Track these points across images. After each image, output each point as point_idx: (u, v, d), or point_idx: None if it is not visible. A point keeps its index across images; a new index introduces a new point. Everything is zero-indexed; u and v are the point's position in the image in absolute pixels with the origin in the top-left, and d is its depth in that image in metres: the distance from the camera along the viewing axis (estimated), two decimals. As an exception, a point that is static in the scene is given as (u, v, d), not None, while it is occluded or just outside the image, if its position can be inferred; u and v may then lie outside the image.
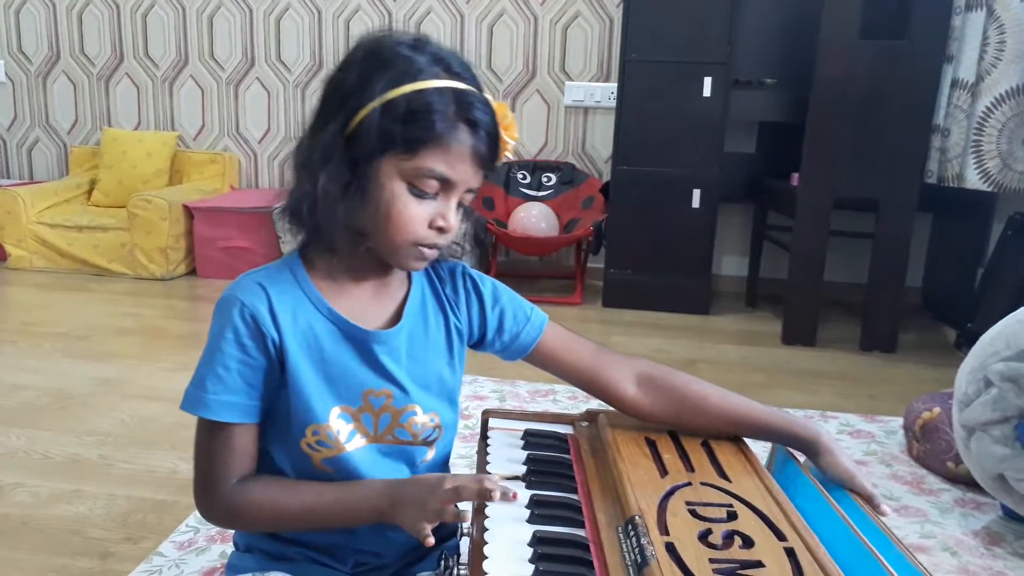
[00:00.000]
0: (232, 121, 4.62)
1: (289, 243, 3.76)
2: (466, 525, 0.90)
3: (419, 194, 0.90)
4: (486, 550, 0.84)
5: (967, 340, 3.07)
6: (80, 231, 4.10)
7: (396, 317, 1.01)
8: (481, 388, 2.64)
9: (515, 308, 1.11)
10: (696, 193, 3.64)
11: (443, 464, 1.09)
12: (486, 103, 0.92)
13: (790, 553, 0.81)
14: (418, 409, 1.01)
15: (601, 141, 4.27)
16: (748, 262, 4.00)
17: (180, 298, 3.82)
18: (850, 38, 3.04)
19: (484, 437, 1.15)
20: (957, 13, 3.01)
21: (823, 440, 1.06)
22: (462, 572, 0.89)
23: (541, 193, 4.14)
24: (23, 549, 1.69)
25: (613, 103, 3.95)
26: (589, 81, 4.24)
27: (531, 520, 0.89)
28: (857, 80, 3.06)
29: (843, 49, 3.05)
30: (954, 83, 3.04)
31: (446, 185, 0.91)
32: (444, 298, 1.07)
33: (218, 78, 4.58)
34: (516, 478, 0.99)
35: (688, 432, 1.11)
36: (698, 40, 3.52)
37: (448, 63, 0.91)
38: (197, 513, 1.03)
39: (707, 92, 3.55)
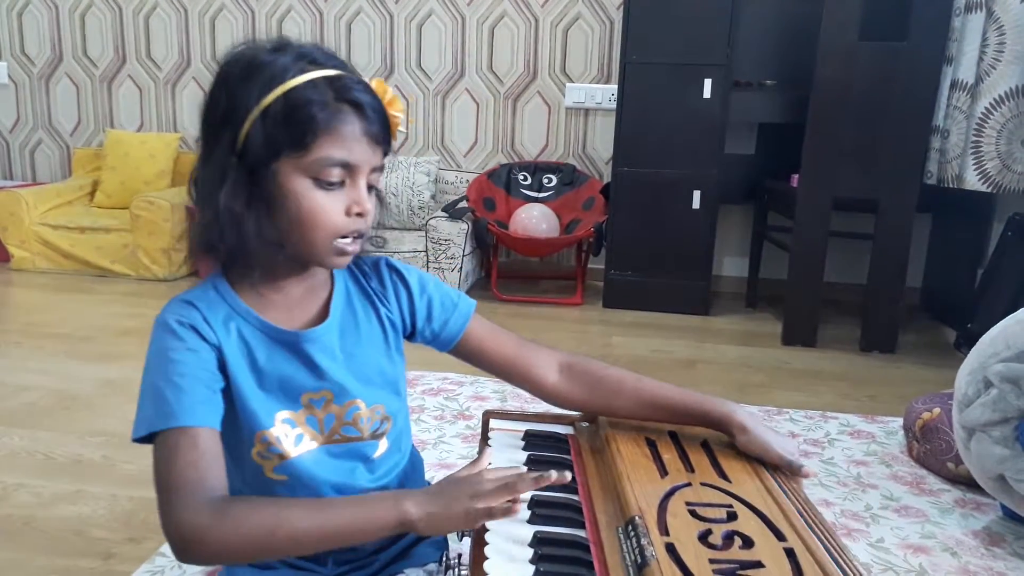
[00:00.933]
0: (234, 123, 4.61)
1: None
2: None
3: (325, 186, 0.90)
4: (486, 550, 0.84)
5: (967, 341, 3.07)
6: (83, 232, 4.11)
7: (323, 315, 1.01)
8: (482, 389, 2.64)
9: (442, 296, 1.10)
10: (696, 194, 3.64)
11: (399, 454, 1.08)
12: (362, 82, 0.92)
13: (790, 553, 0.81)
14: (361, 404, 1.01)
15: (602, 142, 4.27)
16: (748, 263, 4.00)
17: (182, 299, 3.81)
18: (850, 39, 3.04)
19: (485, 438, 1.15)
20: (957, 14, 3.02)
21: (736, 418, 1.05)
22: (463, 572, 0.89)
23: (542, 194, 4.14)
24: (26, 550, 1.69)
25: (614, 105, 3.95)
26: (590, 83, 4.24)
27: (531, 520, 0.90)
28: (857, 81, 3.07)
29: (843, 50, 3.06)
30: (953, 84, 3.04)
31: (349, 170, 0.90)
32: (371, 291, 1.06)
33: (220, 80, 4.57)
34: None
35: (608, 416, 1.13)
36: (698, 42, 3.52)
37: (312, 56, 0.91)
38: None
39: (707, 93, 3.55)
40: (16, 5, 4.67)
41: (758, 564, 0.79)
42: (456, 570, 0.91)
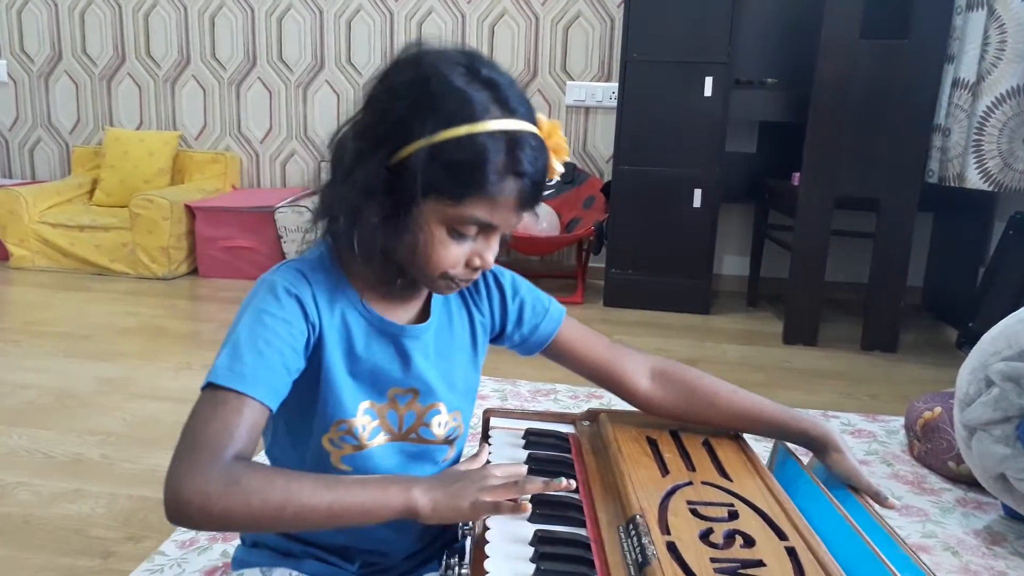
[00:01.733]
0: (234, 121, 4.62)
1: (291, 242, 3.73)
2: (468, 526, 0.90)
3: (459, 236, 0.88)
4: (487, 549, 0.84)
5: (968, 340, 3.07)
6: (82, 231, 4.11)
7: (423, 313, 1.01)
8: (482, 387, 2.64)
9: (534, 300, 1.10)
10: (697, 193, 3.64)
11: (457, 462, 1.09)
12: (538, 145, 0.87)
13: (791, 552, 0.81)
14: (443, 408, 1.01)
15: (602, 141, 4.27)
16: (749, 262, 4.00)
17: (182, 298, 3.82)
18: (851, 37, 3.04)
19: (485, 436, 1.15)
20: (958, 12, 3.01)
21: (833, 438, 1.06)
22: (463, 571, 0.88)
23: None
24: (25, 548, 1.69)
25: (614, 103, 3.95)
26: (590, 81, 4.24)
27: (532, 519, 0.89)
28: (858, 80, 3.06)
29: (844, 48, 3.05)
30: (955, 82, 3.04)
31: (487, 229, 0.89)
32: (466, 293, 1.06)
33: (220, 78, 4.58)
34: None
35: (700, 425, 1.12)
36: (699, 40, 3.52)
37: (504, 96, 0.86)
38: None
39: (708, 92, 3.54)
40: (15, 3, 4.67)
41: (759, 563, 0.79)
42: (456, 568, 0.91)
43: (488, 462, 1.03)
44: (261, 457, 1.01)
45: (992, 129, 2.91)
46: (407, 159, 0.84)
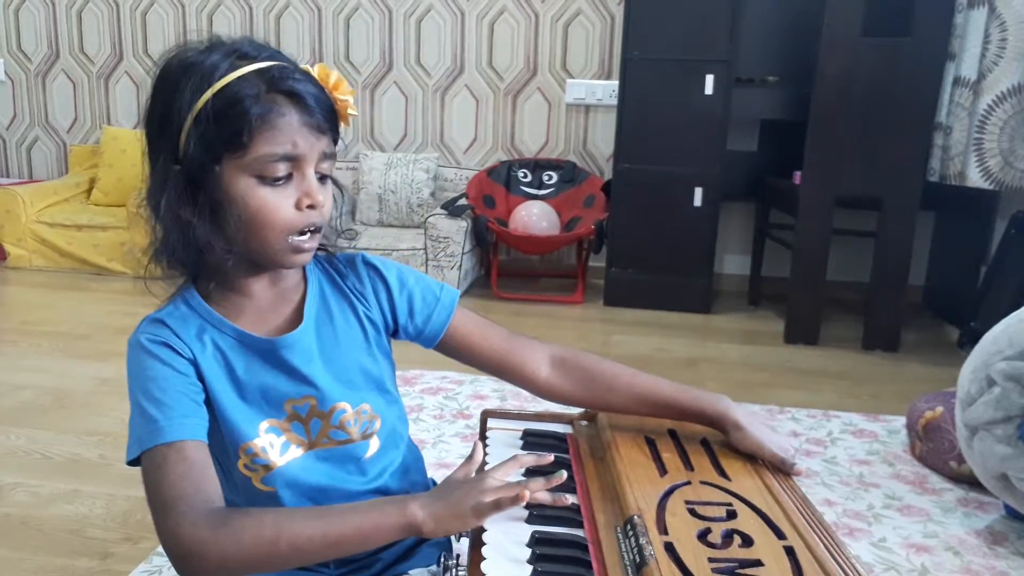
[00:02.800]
0: (233, 120, 4.61)
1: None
2: None
3: (271, 183, 0.87)
4: (484, 551, 0.83)
5: (970, 339, 3.06)
6: (80, 230, 4.10)
7: (298, 319, 0.99)
8: (482, 388, 2.63)
9: (424, 289, 1.07)
10: (698, 191, 3.63)
11: (394, 451, 1.06)
12: (298, 70, 0.90)
13: (789, 552, 0.81)
14: (346, 406, 0.99)
15: (602, 139, 4.26)
16: (750, 261, 3.99)
17: (181, 297, 3.81)
18: (852, 35, 3.03)
19: (483, 437, 1.14)
20: (959, 10, 3.00)
21: (731, 415, 1.04)
22: (460, 573, 0.88)
23: (542, 192, 4.13)
24: (23, 549, 1.69)
25: (614, 101, 3.94)
26: (590, 79, 4.23)
27: (530, 520, 0.89)
28: (859, 78, 3.06)
29: (845, 46, 3.04)
30: (956, 81, 3.03)
31: (294, 162, 0.88)
32: (347, 290, 1.04)
33: (219, 77, 4.57)
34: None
35: (602, 410, 1.12)
36: (700, 38, 3.51)
37: (242, 50, 0.88)
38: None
39: (709, 90, 3.54)
40: (12, 2, 4.67)
41: (757, 563, 0.78)
42: (454, 571, 0.90)
43: (484, 461, 1.02)
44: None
45: (993, 127, 2.90)
46: (186, 143, 0.86)
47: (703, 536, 0.83)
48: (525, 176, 4.17)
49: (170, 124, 0.86)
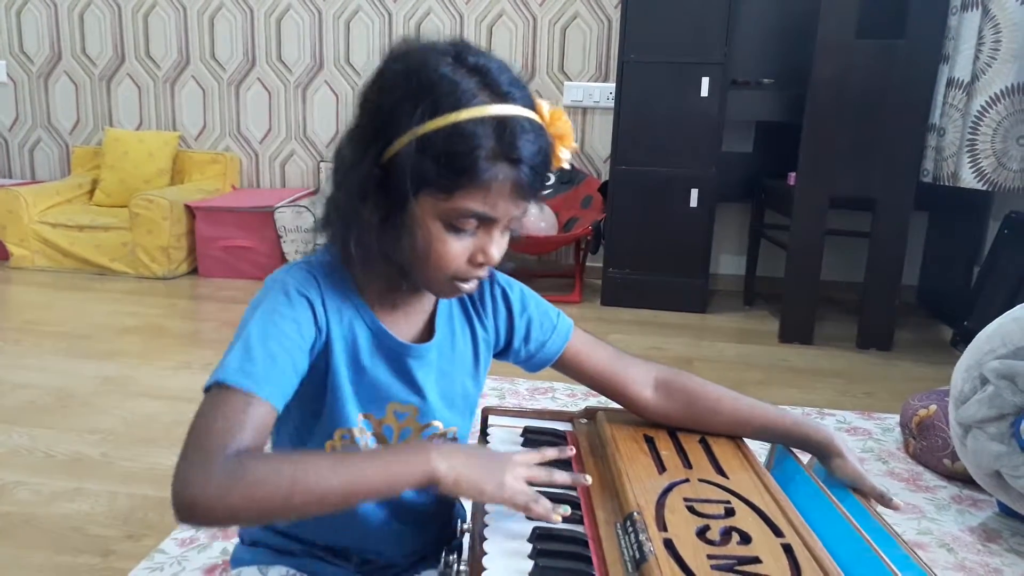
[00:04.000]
0: (233, 121, 4.63)
1: (290, 242, 3.73)
2: (466, 523, 0.90)
3: (457, 231, 0.85)
4: (486, 546, 0.84)
5: (963, 338, 3.09)
6: (82, 230, 4.11)
7: (427, 330, 0.99)
8: (481, 387, 2.64)
9: (542, 316, 1.07)
10: (694, 192, 3.65)
11: None
12: (534, 128, 0.84)
13: (787, 549, 0.81)
14: (439, 425, 1.00)
15: (600, 141, 4.28)
16: (745, 261, 4.01)
17: (182, 297, 3.82)
18: (847, 38, 3.05)
19: (484, 434, 1.15)
20: (953, 13, 3.02)
21: (836, 444, 1.06)
22: (462, 568, 0.89)
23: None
24: (25, 547, 1.70)
25: (611, 103, 3.95)
26: (588, 81, 4.25)
27: (530, 516, 0.90)
28: (854, 79, 3.07)
29: (839, 49, 3.06)
30: (950, 82, 3.05)
31: (486, 222, 0.86)
32: (472, 308, 1.04)
33: (219, 78, 4.58)
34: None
35: (703, 431, 1.12)
36: (696, 40, 3.53)
37: (493, 81, 0.83)
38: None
39: (704, 92, 3.55)
40: (15, 3, 4.67)
41: (756, 560, 0.79)
42: (456, 565, 0.91)
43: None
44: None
45: (986, 129, 2.92)
46: (397, 155, 0.82)
47: (702, 533, 0.83)
48: (523, 177, 4.17)
49: (390, 128, 0.83)
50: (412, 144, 0.81)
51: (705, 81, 3.54)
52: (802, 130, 3.17)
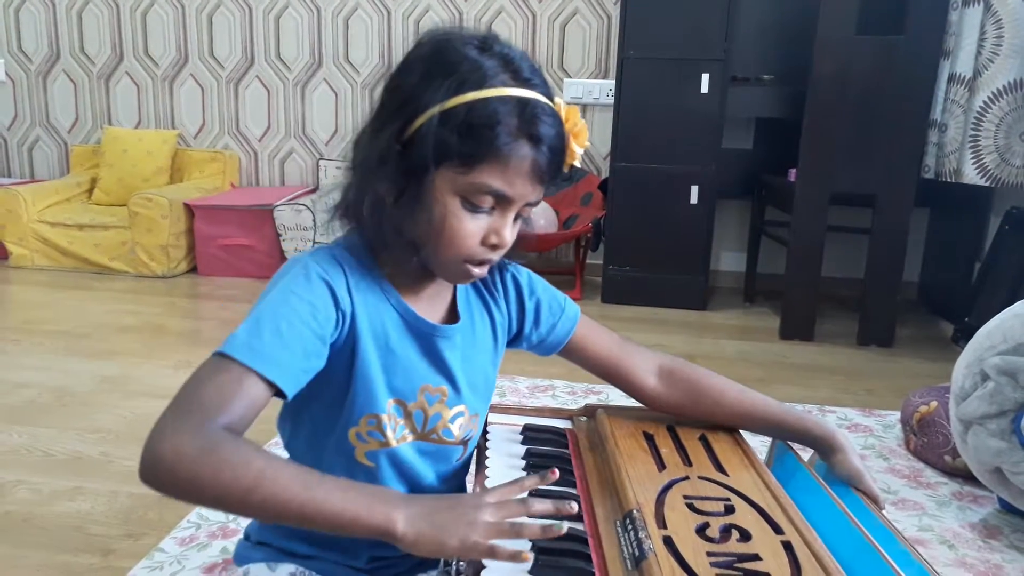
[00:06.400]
0: (232, 119, 4.62)
1: (289, 240, 3.72)
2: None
3: (473, 209, 0.86)
4: (485, 543, 0.84)
5: (964, 334, 3.08)
6: (81, 229, 4.11)
7: (450, 315, 1.00)
8: (481, 384, 2.64)
9: (550, 299, 1.09)
10: (694, 189, 3.64)
11: (469, 460, 1.08)
12: (553, 114, 0.86)
13: (787, 546, 0.81)
14: (466, 410, 1.00)
15: (599, 138, 4.27)
16: (746, 258, 4.01)
17: (181, 296, 3.82)
18: (847, 33, 3.05)
19: (483, 432, 1.15)
20: (954, 8, 3.02)
21: (837, 439, 1.07)
22: (461, 565, 0.88)
23: (540, 190, 4.13)
24: (25, 546, 1.70)
25: (611, 100, 3.95)
26: (587, 78, 4.24)
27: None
28: (854, 76, 3.07)
29: (840, 45, 3.06)
30: (951, 78, 3.04)
31: (502, 201, 0.86)
32: (486, 293, 1.05)
33: (218, 76, 4.58)
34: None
35: (704, 422, 1.12)
36: (695, 37, 3.52)
37: (517, 67, 0.85)
38: (194, 508, 0.77)
39: (705, 89, 3.55)
40: (13, 2, 4.66)
41: (755, 557, 0.79)
42: (454, 564, 0.91)
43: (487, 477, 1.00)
44: (279, 450, 1.00)
45: (989, 124, 2.92)
46: (418, 130, 0.83)
47: (701, 530, 0.83)
48: (523, 174, 4.17)
49: (411, 105, 0.84)
50: (435, 118, 0.82)
51: (705, 77, 3.54)
52: (803, 126, 3.17)
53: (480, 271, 0.91)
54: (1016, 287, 2.91)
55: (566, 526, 0.77)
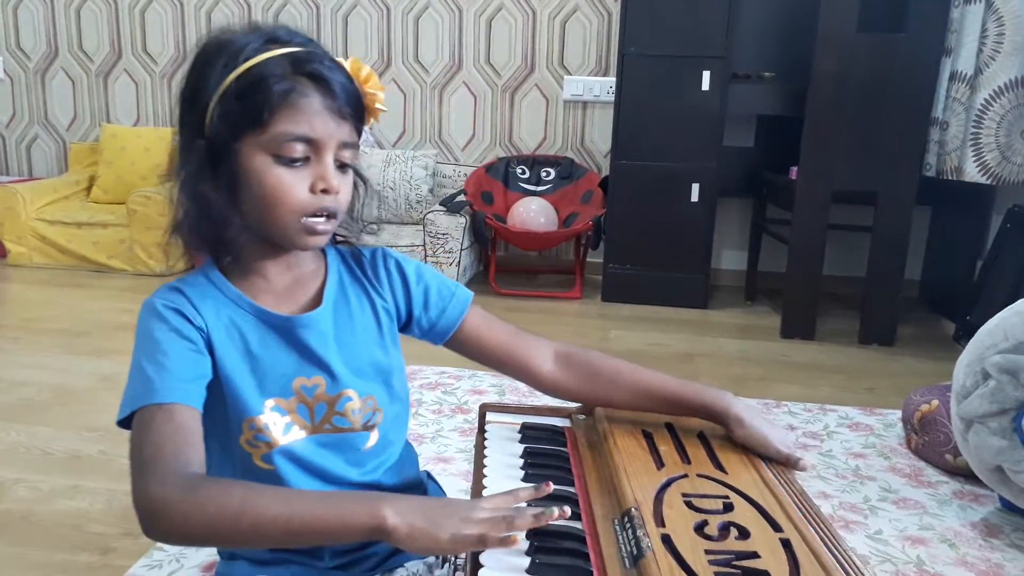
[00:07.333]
0: (231, 117, 4.61)
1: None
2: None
3: (287, 163, 0.89)
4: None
5: (965, 333, 3.08)
6: (79, 227, 4.10)
7: (317, 302, 1.00)
8: (480, 382, 2.64)
9: (440, 284, 1.09)
10: (695, 187, 3.64)
11: (391, 448, 1.06)
12: (327, 58, 0.91)
13: (786, 544, 0.81)
14: (353, 394, 0.99)
15: (600, 135, 4.26)
16: (747, 256, 4.00)
17: (180, 294, 3.81)
18: (848, 31, 3.04)
19: (482, 431, 1.15)
20: (955, 5, 3.01)
21: (733, 411, 1.04)
22: (459, 562, 0.88)
23: (540, 188, 4.14)
24: (24, 544, 1.70)
25: (612, 97, 3.95)
26: (588, 75, 4.24)
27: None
28: (855, 73, 3.06)
29: (841, 42, 3.05)
30: (952, 76, 3.04)
31: (312, 145, 0.89)
32: (365, 280, 1.06)
33: (217, 74, 4.57)
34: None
35: (605, 406, 1.12)
36: (696, 34, 3.52)
37: (275, 35, 0.91)
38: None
39: (705, 86, 3.54)
40: (12, -1, 4.67)
41: (754, 555, 0.79)
42: (453, 561, 0.91)
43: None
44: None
45: (990, 122, 2.91)
46: (212, 118, 0.89)
47: (700, 528, 0.83)
48: (523, 172, 4.17)
49: (199, 99, 0.89)
50: (219, 100, 0.88)
51: (706, 75, 3.53)
52: (804, 124, 3.16)
53: (324, 225, 0.92)
54: (1018, 285, 2.90)
55: (556, 511, 0.79)
